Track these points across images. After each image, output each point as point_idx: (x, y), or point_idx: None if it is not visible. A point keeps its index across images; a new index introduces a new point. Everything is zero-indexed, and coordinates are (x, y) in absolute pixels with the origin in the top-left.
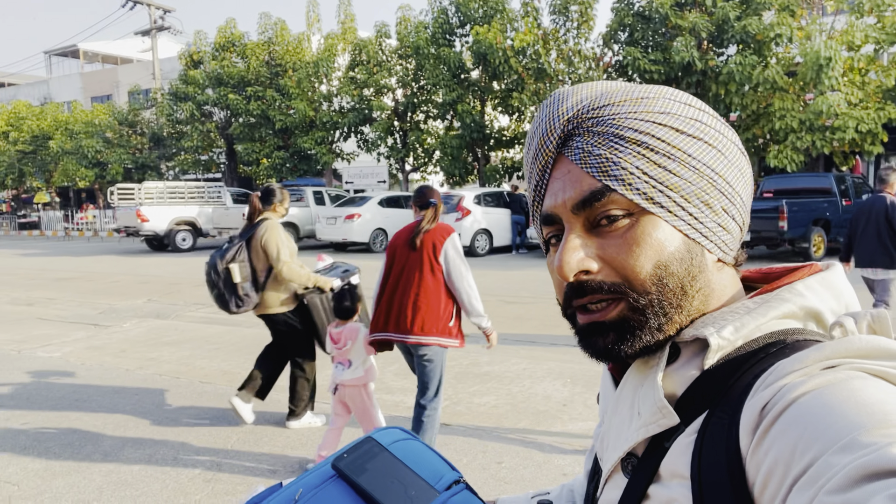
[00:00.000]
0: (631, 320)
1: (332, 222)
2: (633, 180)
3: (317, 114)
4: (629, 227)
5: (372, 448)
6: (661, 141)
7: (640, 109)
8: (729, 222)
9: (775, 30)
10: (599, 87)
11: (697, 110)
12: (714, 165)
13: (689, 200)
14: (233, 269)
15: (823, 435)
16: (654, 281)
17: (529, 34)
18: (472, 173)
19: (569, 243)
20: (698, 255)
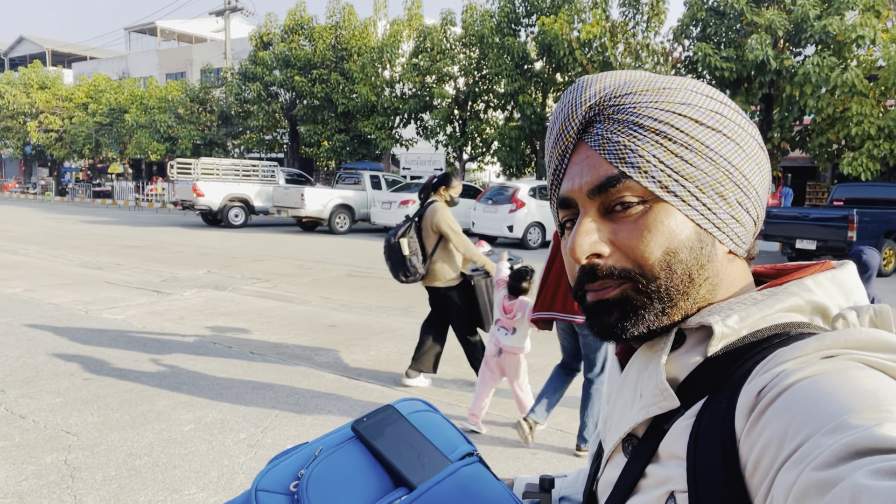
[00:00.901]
0: (634, 300)
1: (387, 207)
2: (648, 168)
3: (378, 99)
4: (642, 213)
5: (391, 415)
6: (679, 131)
7: (661, 99)
8: (743, 215)
9: (858, 31)
10: (623, 75)
11: (719, 103)
12: (731, 158)
13: (704, 191)
14: (402, 244)
15: (815, 418)
16: (662, 267)
17: (597, 26)
18: (530, 165)
19: (582, 226)
20: (709, 244)
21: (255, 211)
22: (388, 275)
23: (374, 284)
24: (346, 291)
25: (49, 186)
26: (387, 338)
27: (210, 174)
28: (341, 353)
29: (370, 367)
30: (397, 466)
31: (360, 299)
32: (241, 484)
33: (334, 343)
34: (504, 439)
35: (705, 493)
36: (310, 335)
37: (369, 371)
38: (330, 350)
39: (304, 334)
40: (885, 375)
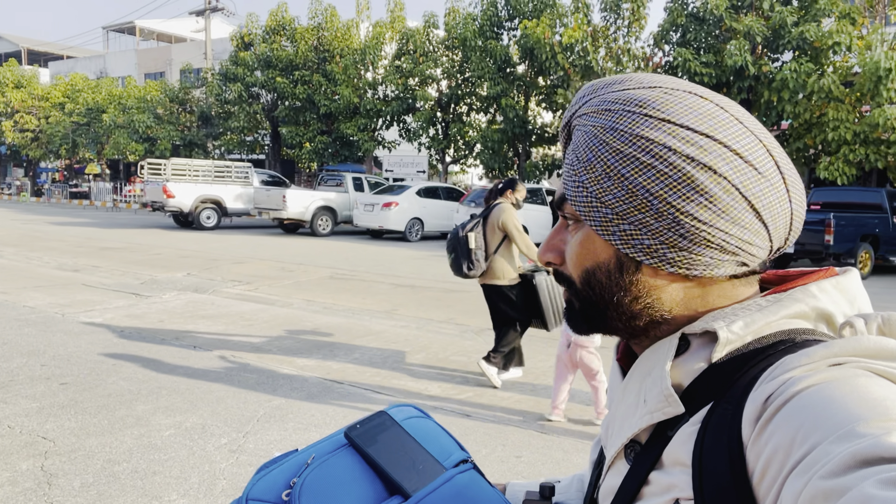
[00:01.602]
0: (574, 305)
1: (369, 209)
2: (576, 193)
3: (361, 101)
4: (575, 232)
5: (384, 421)
6: (601, 160)
7: (597, 123)
8: (679, 241)
9: (834, 37)
10: (597, 86)
11: (655, 122)
12: (650, 187)
13: (623, 218)
14: (470, 237)
15: (823, 425)
16: (583, 283)
17: (578, 30)
18: (512, 168)
19: (549, 235)
20: (631, 267)
21: (229, 213)
22: (371, 277)
23: (357, 287)
24: (329, 294)
25: (24, 187)
26: (370, 341)
27: (181, 175)
28: (324, 356)
29: (353, 371)
30: (392, 474)
31: (343, 302)
32: (222, 490)
33: (317, 346)
34: (483, 441)
35: (712, 501)
36: (292, 338)
37: (353, 374)
38: (312, 353)
39: (286, 337)
40: (892, 384)
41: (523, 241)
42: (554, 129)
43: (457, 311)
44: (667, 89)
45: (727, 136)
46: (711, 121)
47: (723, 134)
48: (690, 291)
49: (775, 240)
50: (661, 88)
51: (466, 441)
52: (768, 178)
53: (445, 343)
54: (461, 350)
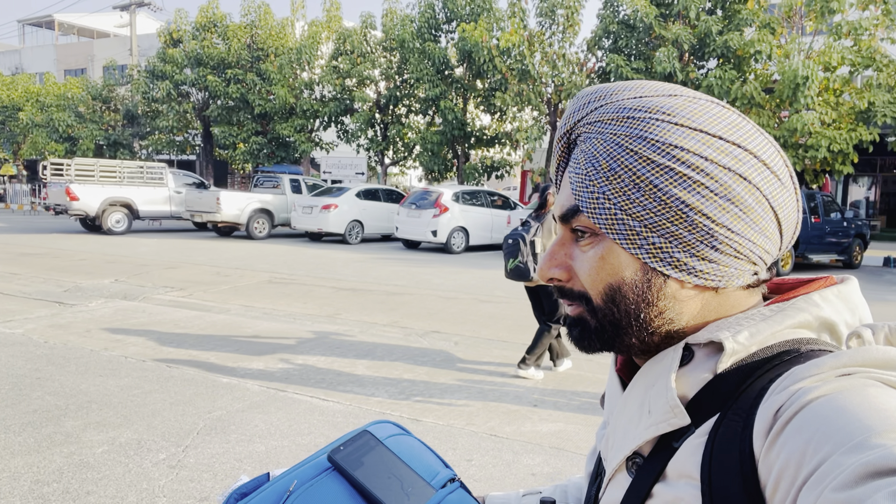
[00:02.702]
0: (589, 322)
1: (308, 211)
2: (597, 205)
3: (297, 101)
4: (592, 246)
5: (368, 441)
6: (629, 170)
7: (620, 131)
8: (710, 253)
9: (755, 46)
10: (605, 93)
11: (688, 130)
12: (685, 198)
13: (653, 230)
14: (536, 242)
15: (835, 436)
16: (605, 300)
17: (515, 35)
18: (451, 170)
19: (551, 249)
20: (659, 282)
21: (140, 216)
22: (311, 281)
23: (298, 291)
24: (269, 299)
25: None
26: (313, 346)
27: (87, 176)
28: (266, 363)
29: (297, 378)
30: (381, 499)
31: (284, 307)
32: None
33: (258, 353)
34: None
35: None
36: (231, 345)
37: (297, 381)
38: (254, 360)
39: (224, 345)
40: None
41: None
42: (492, 131)
43: (401, 314)
44: (689, 97)
45: (755, 146)
46: (740, 131)
47: (752, 144)
48: (709, 303)
49: (783, 248)
50: (683, 97)
51: None
52: (787, 188)
53: (391, 346)
54: (407, 354)
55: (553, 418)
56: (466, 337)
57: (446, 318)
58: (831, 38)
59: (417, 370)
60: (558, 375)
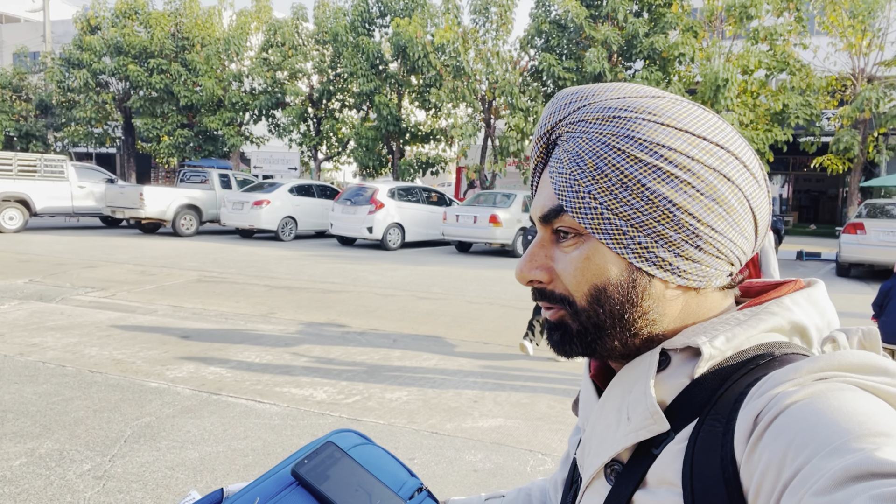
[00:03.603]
0: (571, 326)
1: (238, 208)
2: (582, 204)
3: (226, 93)
4: (576, 246)
5: (333, 453)
6: (616, 169)
7: (606, 130)
8: (694, 253)
9: (679, 49)
10: (588, 93)
11: (674, 131)
12: (673, 197)
13: (640, 229)
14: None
15: (814, 440)
16: (590, 301)
17: (450, 31)
18: (386, 166)
19: (529, 251)
20: (644, 282)
21: (38, 213)
22: (243, 279)
23: (229, 290)
24: (198, 298)
25: None
26: (248, 347)
27: None
28: (197, 366)
29: (231, 380)
30: None
31: (215, 306)
32: None
33: (189, 355)
34: None
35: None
36: (159, 348)
37: (231, 384)
38: (184, 364)
39: (152, 347)
40: (878, 398)
41: None
42: (427, 127)
43: (337, 311)
44: (672, 99)
45: (736, 148)
46: (722, 132)
47: (733, 145)
48: (689, 304)
49: (755, 248)
50: (666, 98)
51: None
52: (762, 189)
53: (328, 346)
54: (345, 353)
55: (493, 414)
56: (405, 335)
57: (384, 316)
58: (749, 42)
59: (356, 369)
60: (497, 371)
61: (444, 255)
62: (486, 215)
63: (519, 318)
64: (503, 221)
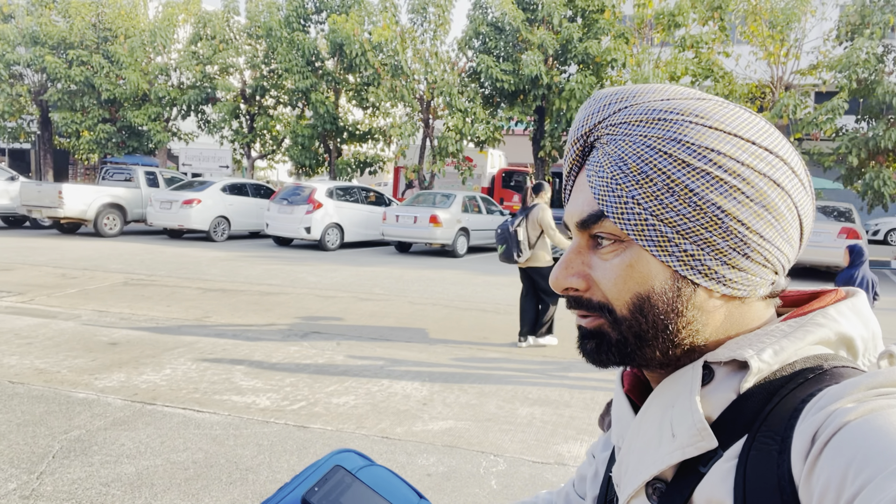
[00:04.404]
0: (609, 335)
1: (167, 207)
2: (625, 210)
3: (151, 87)
4: (617, 254)
5: (343, 478)
6: (662, 173)
7: (651, 133)
8: (740, 261)
9: (612, 54)
10: (630, 97)
11: (721, 137)
12: (722, 203)
13: (686, 236)
14: (519, 231)
15: (876, 459)
16: (632, 310)
17: (388, 30)
18: (323, 165)
19: (566, 258)
20: (689, 291)
21: None
22: (174, 282)
23: (160, 293)
24: (126, 303)
25: None
26: (181, 353)
27: None
28: (129, 374)
29: (166, 389)
30: None
31: (144, 311)
32: None
33: (118, 364)
34: None
35: None
36: (85, 356)
37: (166, 393)
38: (113, 372)
39: (77, 355)
40: None
41: (556, 237)
42: (365, 126)
43: (277, 314)
44: (717, 102)
45: (784, 152)
46: (770, 136)
47: (781, 149)
48: (732, 314)
49: (798, 255)
50: (712, 101)
51: (307, 454)
52: (809, 194)
53: (269, 350)
54: (288, 356)
55: (443, 416)
56: (349, 337)
57: (326, 318)
58: (676, 49)
59: (300, 374)
60: (445, 372)
61: (385, 255)
62: (427, 215)
63: (463, 318)
64: (443, 222)
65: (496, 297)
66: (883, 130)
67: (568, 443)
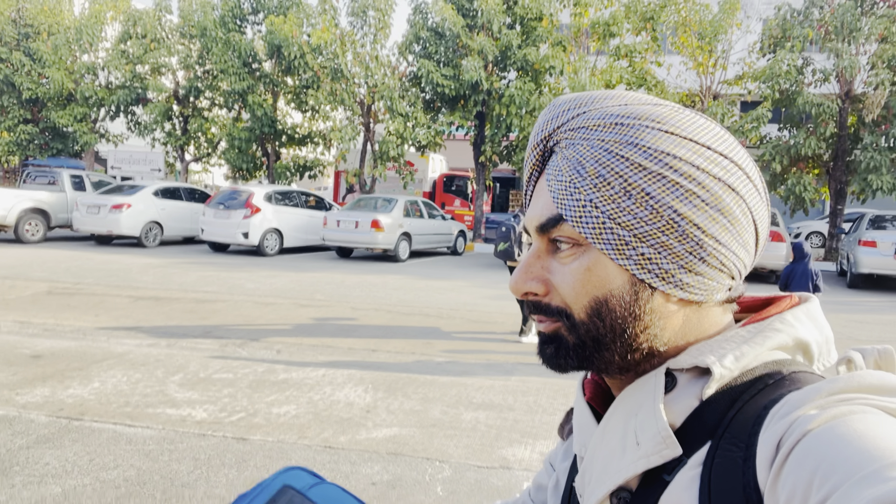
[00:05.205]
0: (566, 339)
1: (94, 211)
2: (583, 213)
3: (77, 86)
4: (575, 257)
5: (293, 498)
6: (618, 176)
7: (608, 137)
8: (697, 265)
9: (550, 61)
10: (586, 103)
11: (677, 141)
12: (678, 207)
13: (643, 240)
14: (524, 233)
15: (841, 466)
16: (590, 314)
17: (327, 32)
18: (261, 169)
19: (525, 262)
20: (646, 295)
21: None
22: (103, 290)
23: (87, 302)
24: (50, 312)
25: None
26: (111, 365)
27: None
28: (53, 389)
29: (95, 403)
30: None
31: (70, 321)
32: None
33: (42, 378)
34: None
35: None
36: (5, 370)
37: (95, 407)
38: (37, 387)
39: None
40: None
41: None
42: (304, 130)
43: (214, 322)
44: (674, 108)
45: (739, 158)
46: (725, 142)
47: (736, 155)
48: (690, 319)
49: (754, 261)
50: (668, 107)
51: (247, 467)
52: (763, 200)
53: (206, 360)
54: (225, 366)
55: (387, 423)
56: (289, 344)
57: (265, 326)
58: (611, 58)
59: (238, 384)
60: (388, 379)
61: (325, 260)
62: (368, 220)
63: (406, 323)
64: (385, 226)
65: (439, 301)
66: (803, 139)
67: (513, 446)
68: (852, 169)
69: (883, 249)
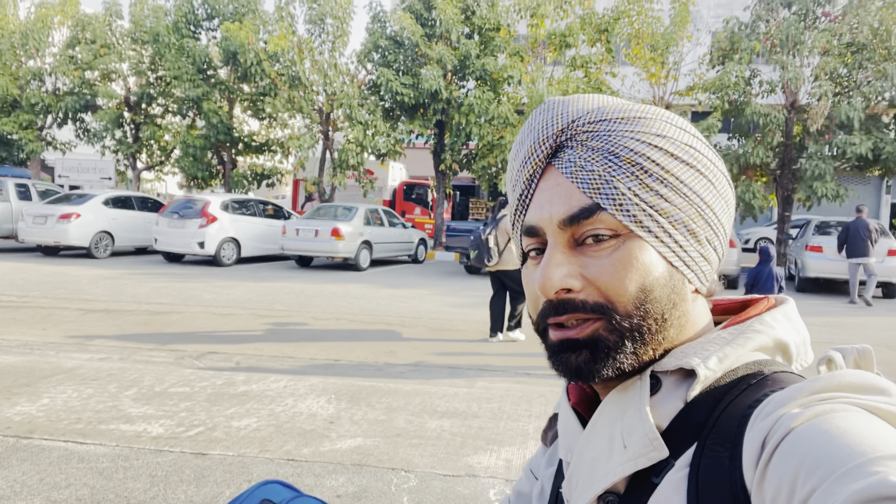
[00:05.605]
0: (606, 340)
1: (41, 221)
2: (624, 201)
3: (23, 93)
4: (615, 248)
5: None
6: (655, 164)
7: (636, 129)
8: (710, 253)
9: (508, 71)
10: (595, 100)
11: (692, 136)
12: (704, 194)
13: (676, 227)
14: (489, 239)
15: (825, 463)
16: (636, 304)
17: (284, 39)
18: (217, 177)
19: (553, 259)
20: (679, 283)
21: None
22: (51, 303)
23: (34, 316)
24: None
25: None
26: (61, 381)
27: None
28: (0, 406)
29: (44, 421)
30: None
31: (17, 335)
32: None
33: None
34: None
35: None
36: None
37: (44, 425)
38: None
39: None
40: (880, 419)
41: None
42: (262, 137)
43: (169, 335)
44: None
45: (717, 158)
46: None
47: (715, 155)
48: (695, 308)
49: None
50: (658, 108)
51: (206, 482)
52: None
53: (161, 374)
54: (182, 380)
55: (351, 434)
56: (248, 356)
57: (223, 337)
58: (568, 69)
59: (196, 397)
60: (351, 389)
61: (284, 270)
62: (328, 229)
63: (368, 332)
64: (346, 235)
65: (401, 309)
66: (752, 148)
67: (478, 454)
68: (798, 177)
69: (829, 254)
